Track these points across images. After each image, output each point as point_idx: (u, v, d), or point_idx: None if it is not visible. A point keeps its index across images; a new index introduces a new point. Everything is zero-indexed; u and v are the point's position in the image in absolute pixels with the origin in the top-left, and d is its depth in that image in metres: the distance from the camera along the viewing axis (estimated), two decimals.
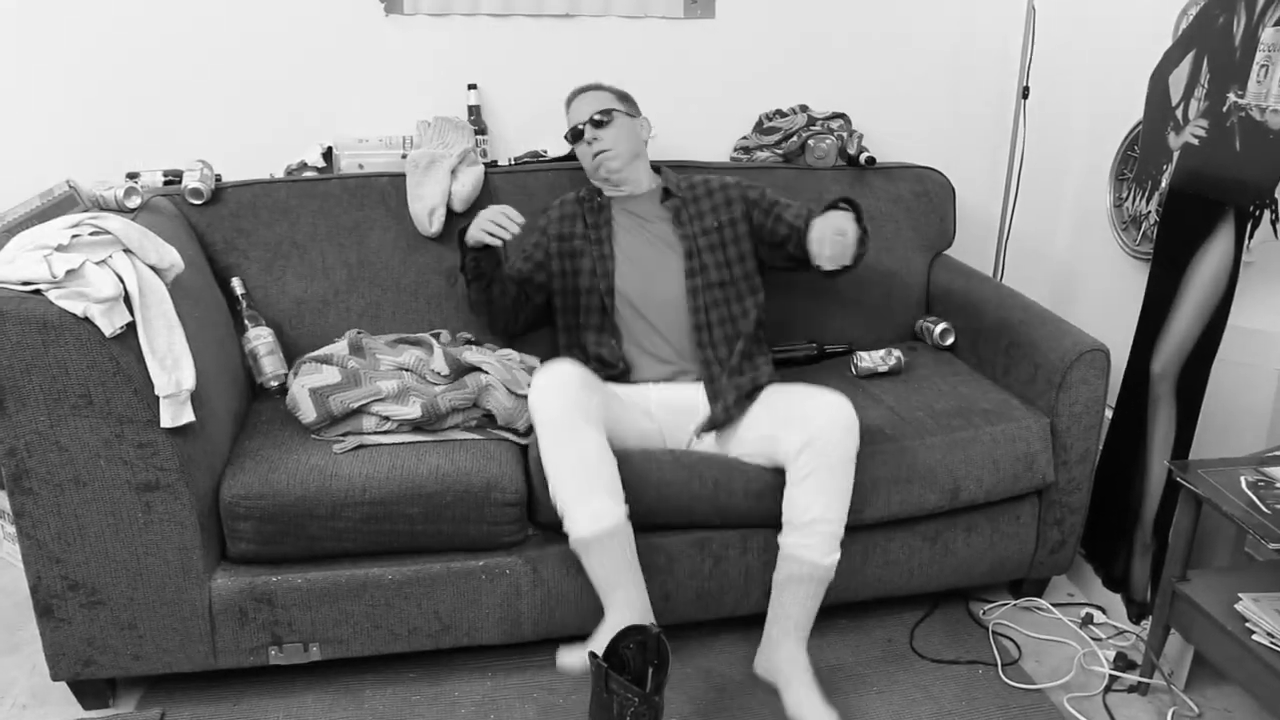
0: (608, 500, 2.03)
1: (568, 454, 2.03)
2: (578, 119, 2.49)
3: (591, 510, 2.02)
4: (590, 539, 2.01)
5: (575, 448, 2.03)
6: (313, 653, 2.17)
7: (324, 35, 2.76)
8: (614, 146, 2.46)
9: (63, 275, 1.82)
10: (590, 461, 2.03)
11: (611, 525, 2.02)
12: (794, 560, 2.08)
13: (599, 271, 2.43)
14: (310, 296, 2.57)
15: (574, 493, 2.03)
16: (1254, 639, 1.95)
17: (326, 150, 2.78)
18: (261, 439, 2.20)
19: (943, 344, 2.81)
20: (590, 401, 2.08)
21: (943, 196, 2.96)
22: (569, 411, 2.04)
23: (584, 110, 2.48)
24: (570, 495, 2.03)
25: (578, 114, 2.50)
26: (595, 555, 2.03)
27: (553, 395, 2.06)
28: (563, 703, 2.21)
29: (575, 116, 2.51)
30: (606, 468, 2.05)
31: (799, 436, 2.09)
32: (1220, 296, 2.21)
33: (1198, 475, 2.08)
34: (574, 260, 2.47)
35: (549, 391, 2.06)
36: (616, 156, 2.46)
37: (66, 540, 1.98)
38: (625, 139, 2.47)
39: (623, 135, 2.47)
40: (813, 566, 2.07)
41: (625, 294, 2.42)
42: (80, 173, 2.61)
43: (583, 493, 2.02)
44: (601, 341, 2.42)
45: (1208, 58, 2.30)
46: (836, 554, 2.09)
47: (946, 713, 2.20)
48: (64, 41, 2.65)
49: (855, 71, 3.07)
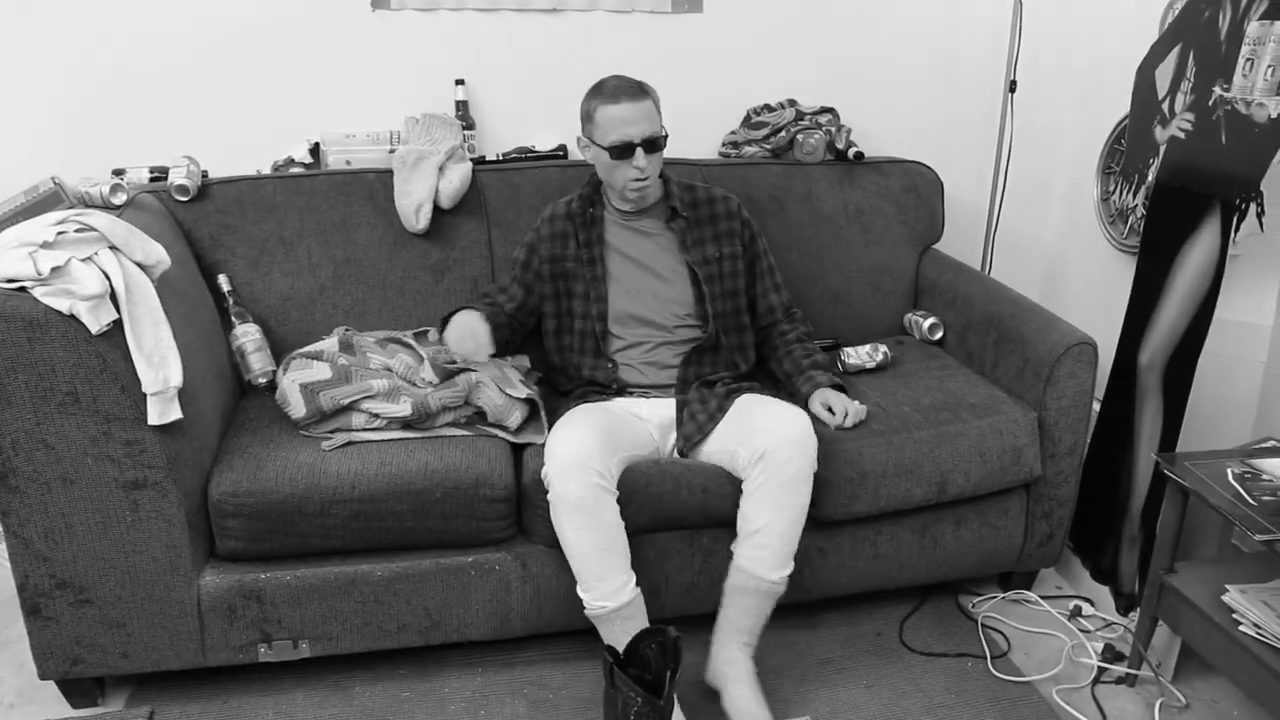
0: (624, 576, 2.06)
1: (592, 536, 2.03)
2: (629, 133, 2.23)
3: (612, 587, 2.05)
4: (613, 614, 2.05)
5: (599, 530, 2.03)
6: (302, 650, 2.16)
7: (311, 30, 2.75)
8: (654, 174, 2.31)
9: (48, 272, 1.81)
10: (611, 538, 2.05)
11: (630, 598, 2.06)
12: (742, 572, 2.10)
13: (592, 296, 2.38)
14: (297, 293, 2.56)
15: (596, 573, 2.05)
16: (1240, 630, 1.96)
17: (313, 146, 2.77)
18: (250, 436, 2.19)
19: (931, 338, 2.81)
20: (608, 464, 2.06)
21: (931, 191, 2.96)
22: (590, 491, 2.01)
23: (636, 126, 2.23)
24: (592, 575, 2.05)
25: (627, 125, 2.23)
26: (617, 625, 2.06)
27: (572, 475, 2.01)
28: (552, 698, 2.21)
29: (623, 127, 2.23)
30: (622, 541, 2.07)
31: (752, 450, 2.10)
32: (1207, 289, 2.22)
33: (1185, 467, 2.08)
34: (566, 283, 2.42)
35: (568, 471, 2.02)
36: (655, 185, 2.36)
37: (54, 539, 1.97)
38: (660, 163, 2.34)
39: (660, 161, 2.33)
40: (759, 580, 2.09)
41: (618, 316, 2.39)
42: (65, 169, 2.60)
43: (603, 573, 2.05)
44: (597, 365, 2.39)
45: (1194, 51, 2.30)
46: (786, 570, 2.11)
47: (936, 705, 2.21)
48: (49, 38, 2.63)
49: (843, 66, 3.07)
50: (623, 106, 2.23)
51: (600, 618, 2.06)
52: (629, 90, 2.24)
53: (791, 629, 2.43)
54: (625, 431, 2.22)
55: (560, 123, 2.89)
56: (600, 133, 2.27)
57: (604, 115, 2.24)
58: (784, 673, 2.30)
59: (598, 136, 2.28)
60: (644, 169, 2.26)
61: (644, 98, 2.25)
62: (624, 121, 2.23)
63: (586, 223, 2.41)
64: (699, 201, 2.45)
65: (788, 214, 2.83)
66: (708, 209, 2.44)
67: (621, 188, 2.32)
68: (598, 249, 2.40)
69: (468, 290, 2.63)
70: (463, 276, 2.64)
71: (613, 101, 2.24)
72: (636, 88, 2.26)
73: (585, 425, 2.09)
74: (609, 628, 2.06)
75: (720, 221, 2.44)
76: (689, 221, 2.41)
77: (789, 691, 2.24)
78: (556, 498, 2.03)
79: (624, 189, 2.31)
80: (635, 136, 2.23)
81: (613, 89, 2.25)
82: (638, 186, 2.30)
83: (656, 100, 2.29)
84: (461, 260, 2.64)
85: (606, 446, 2.08)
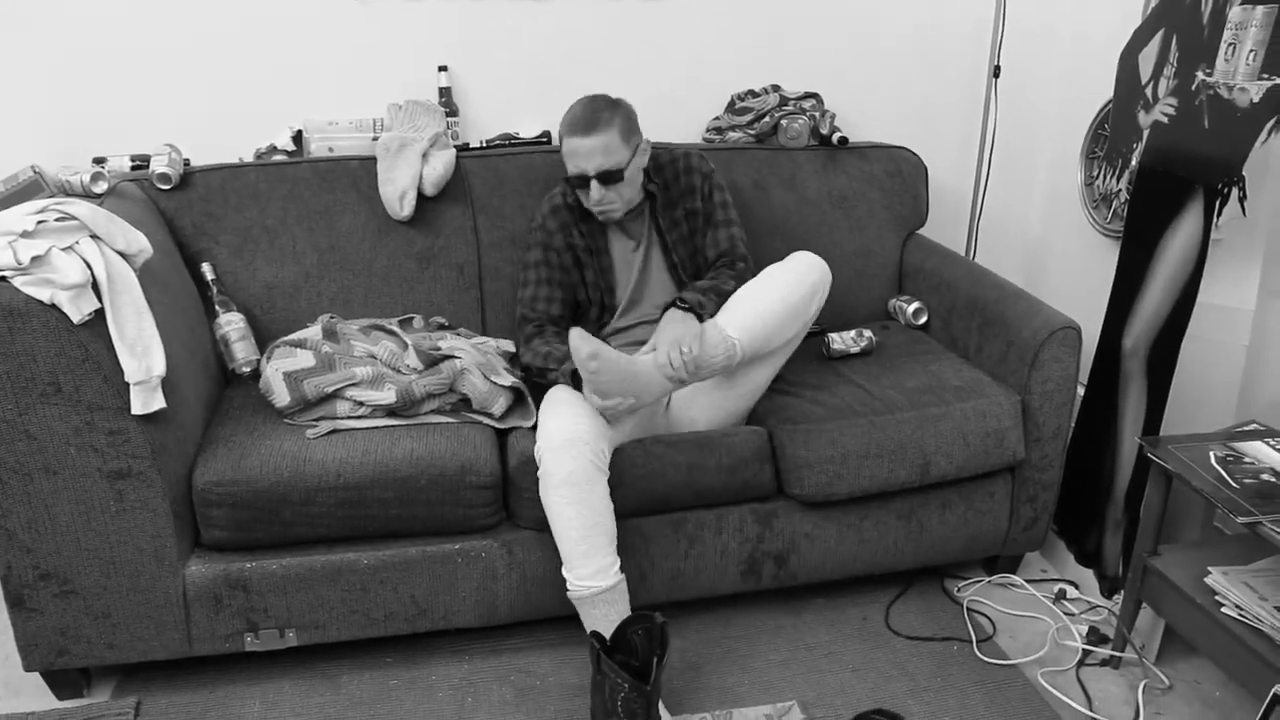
0: (610, 558, 2.06)
1: (581, 512, 2.03)
2: (583, 165, 2.28)
3: (597, 567, 2.04)
4: (596, 596, 2.04)
5: (588, 507, 2.03)
6: (289, 639, 2.16)
7: (293, 16, 2.73)
8: (618, 200, 2.34)
9: (28, 262, 1.80)
10: (599, 517, 2.05)
11: (614, 582, 2.05)
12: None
13: (602, 284, 2.42)
14: (281, 281, 2.55)
15: (582, 550, 2.04)
16: (1223, 612, 1.97)
17: (296, 133, 2.76)
18: (234, 425, 2.18)
19: (916, 323, 2.82)
20: (600, 444, 2.07)
21: (915, 176, 2.96)
22: (583, 467, 2.02)
23: (590, 160, 2.27)
24: (578, 553, 2.05)
25: (580, 159, 2.28)
26: (599, 609, 2.05)
27: (566, 451, 2.03)
28: (540, 684, 2.22)
29: (577, 159, 2.28)
30: (610, 523, 2.07)
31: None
32: (1190, 274, 2.23)
33: (1168, 451, 2.10)
34: (579, 270, 2.44)
35: (562, 447, 2.03)
36: (620, 208, 2.37)
37: (37, 530, 1.96)
38: (629, 187, 2.34)
39: (627, 185, 2.33)
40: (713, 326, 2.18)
41: (622, 299, 2.43)
42: (45, 158, 2.58)
43: (589, 551, 2.04)
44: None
45: (1177, 36, 2.31)
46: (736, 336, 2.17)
47: (922, 689, 2.22)
48: (28, 24, 2.61)
49: (827, 51, 3.06)
50: (575, 140, 2.27)
51: (583, 599, 2.05)
52: (584, 124, 2.26)
53: (777, 614, 2.44)
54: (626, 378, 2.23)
55: (544, 109, 2.88)
56: (565, 159, 2.33)
57: (565, 145, 2.30)
58: (770, 658, 2.30)
59: (565, 160, 2.33)
60: (598, 200, 2.31)
61: (600, 131, 2.25)
62: (576, 155, 2.28)
63: (581, 216, 2.43)
64: (662, 166, 2.48)
65: (772, 199, 2.83)
66: (671, 169, 2.48)
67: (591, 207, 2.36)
68: (600, 239, 2.43)
69: (453, 277, 2.63)
70: (448, 264, 2.63)
71: (570, 133, 2.28)
72: (592, 120, 2.26)
73: (579, 404, 2.11)
74: (591, 611, 2.06)
75: (681, 179, 2.47)
76: (659, 186, 2.45)
77: (775, 677, 2.24)
78: (547, 473, 2.04)
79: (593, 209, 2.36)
80: (589, 170, 2.28)
81: (570, 121, 2.29)
82: (599, 212, 2.35)
83: (625, 121, 2.30)
84: (446, 247, 2.63)
85: (598, 427, 2.09)
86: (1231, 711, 2.18)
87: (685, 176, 2.47)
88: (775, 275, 2.27)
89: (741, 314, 2.21)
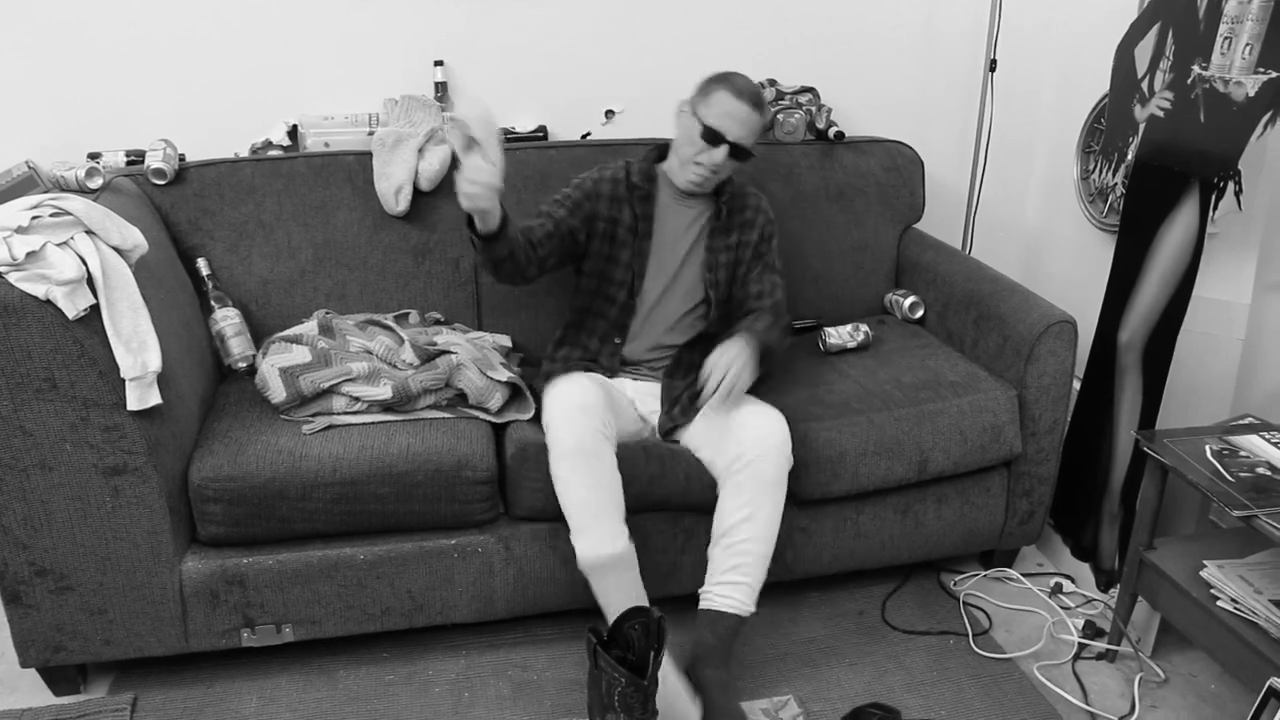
0: (620, 525, 2.05)
1: (588, 480, 2.03)
2: (730, 128, 2.24)
3: (607, 532, 2.03)
4: (607, 562, 2.03)
5: (596, 474, 2.03)
6: (285, 634, 2.16)
7: (289, 11, 2.72)
8: (722, 175, 2.33)
9: (23, 257, 1.80)
10: (607, 484, 2.04)
11: (625, 548, 2.04)
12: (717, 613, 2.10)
13: (636, 271, 2.37)
14: (277, 277, 2.55)
15: (591, 513, 2.03)
16: (1218, 605, 1.98)
17: (292, 128, 2.75)
18: (230, 420, 2.18)
19: (912, 317, 2.82)
20: (606, 420, 2.07)
21: (911, 170, 2.96)
22: (592, 435, 2.02)
23: (740, 128, 2.24)
24: (587, 516, 2.04)
25: (733, 121, 2.24)
26: (611, 578, 2.04)
27: (575, 420, 2.03)
28: (536, 679, 2.22)
29: (728, 121, 2.24)
30: (618, 492, 2.06)
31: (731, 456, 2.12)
32: (1185, 267, 2.23)
33: (1164, 445, 2.10)
34: (613, 247, 2.37)
35: (572, 417, 2.04)
36: (714, 185, 2.36)
37: (33, 526, 1.96)
38: (732, 169, 2.34)
39: (733, 167, 2.33)
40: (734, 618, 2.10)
41: (646, 298, 2.39)
42: (40, 153, 2.58)
43: (599, 513, 2.03)
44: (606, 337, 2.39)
45: (1173, 30, 2.31)
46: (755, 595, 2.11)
47: (918, 683, 2.22)
48: (22, 18, 2.60)
49: (824, 45, 3.06)
50: (742, 106, 2.24)
51: (595, 568, 2.03)
52: (754, 97, 2.26)
53: (774, 608, 2.44)
54: (618, 400, 2.25)
55: (540, 105, 2.88)
56: (707, 110, 2.26)
57: (721, 99, 2.24)
58: (767, 652, 2.31)
59: (701, 111, 2.27)
60: (716, 164, 2.26)
61: (761, 111, 2.28)
62: (731, 116, 2.24)
63: (642, 197, 2.37)
64: (735, 194, 2.44)
65: (768, 194, 2.82)
66: (740, 201, 2.44)
67: (683, 168, 2.31)
68: (646, 226, 2.38)
69: (448, 272, 2.62)
70: (443, 259, 2.63)
71: (737, 95, 2.24)
72: (760, 99, 2.28)
73: (589, 379, 2.12)
74: (603, 580, 2.04)
75: (747, 212, 2.43)
76: (724, 210, 2.40)
77: (771, 671, 2.25)
78: (555, 442, 2.04)
79: (685, 172, 2.31)
80: (732, 134, 2.24)
81: (742, 87, 2.26)
82: (703, 175, 2.30)
83: (766, 121, 2.40)
84: (442, 242, 2.63)
85: (606, 403, 2.10)
86: (1226, 704, 2.18)
87: (753, 212, 2.44)
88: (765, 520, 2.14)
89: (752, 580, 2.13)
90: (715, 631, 2.09)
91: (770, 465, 2.08)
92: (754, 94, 2.26)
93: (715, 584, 2.10)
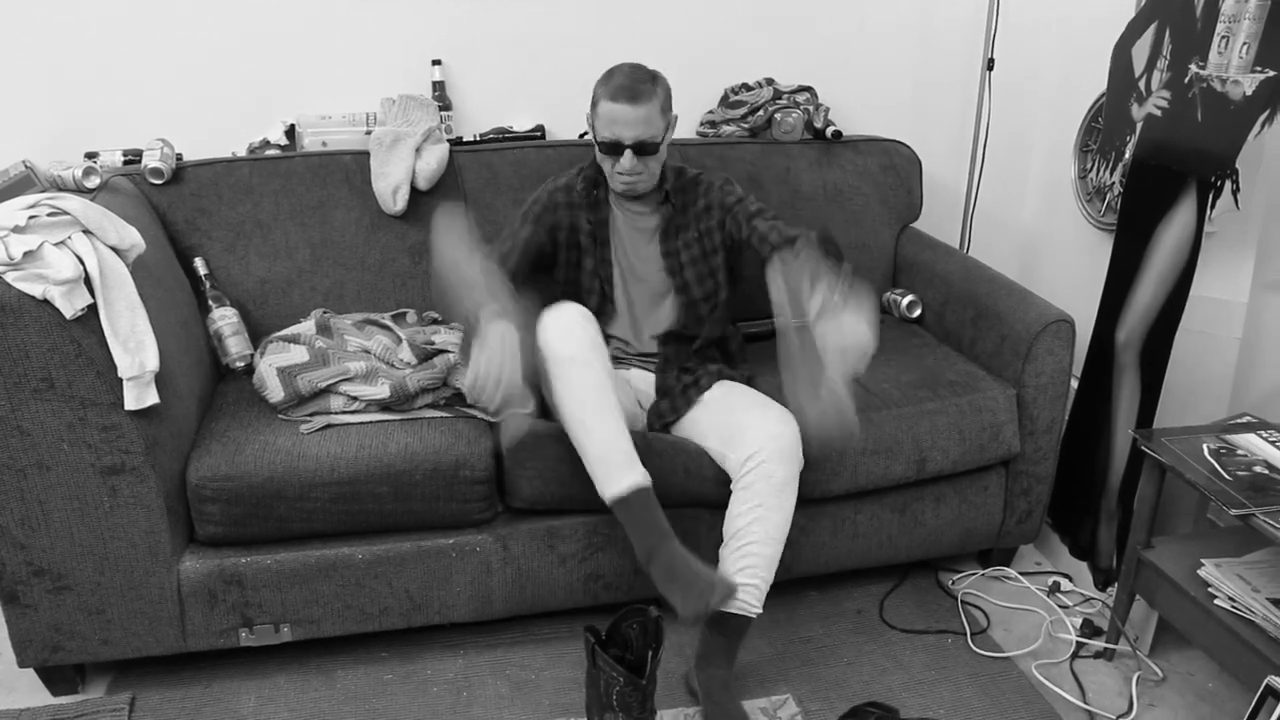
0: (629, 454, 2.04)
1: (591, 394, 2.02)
2: (621, 134, 2.18)
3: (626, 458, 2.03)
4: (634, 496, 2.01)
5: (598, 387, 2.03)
6: (284, 634, 2.16)
7: (286, 10, 2.72)
8: (645, 172, 2.25)
9: (20, 257, 1.79)
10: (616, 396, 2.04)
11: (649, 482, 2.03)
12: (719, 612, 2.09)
13: (602, 275, 2.36)
14: (274, 276, 2.55)
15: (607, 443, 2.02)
16: (1216, 604, 1.98)
17: (289, 128, 2.75)
18: (228, 420, 2.18)
19: (910, 316, 2.82)
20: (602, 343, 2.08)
21: (909, 169, 2.96)
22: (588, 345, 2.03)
23: (630, 129, 2.18)
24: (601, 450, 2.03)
25: (619, 126, 2.18)
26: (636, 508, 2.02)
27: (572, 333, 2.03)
28: (535, 679, 2.22)
29: (615, 127, 2.18)
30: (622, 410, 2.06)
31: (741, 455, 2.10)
32: (1183, 267, 2.23)
33: (1161, 443, 2.10)
34: (579, 253, 2.36)
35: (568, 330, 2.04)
36: (647, 183, 2.30)
37: (31, 526, 1.96)
38: (658, 161, 2.27)
39: (656, 160, 2.26)
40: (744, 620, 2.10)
41: (620, 295, 2.38)
42: (37, 153, 2.58)
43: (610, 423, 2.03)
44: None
45: (1170, 29, 2.31)
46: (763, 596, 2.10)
47: (916, 682, 2.22)
48: (19, 19, 2.60)
49: (821, 44, 3.06)
50: (619, 107, 2.17)
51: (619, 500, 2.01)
52: (628, 93, 2.17)
53: (772, 607, 2.44)
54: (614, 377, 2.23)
55: (538, 104, 2.88)
56: (597, 123, 2.23)
57: (604, 109, 2.19)
58: (765, 651, 2.31)
59: (595, 126, 2.24)
60: (627, 170, 2.22)
61: (644, 101, 2.17)
62: (615, 122, 2.18)
63: (593, 203, 2.36)
64: (683, 188, 2.40)
65: (766, 193, 2.83)
66: (691, 194, 2.39)
67: (611, 179, 2.28)
68: (604, 230, 2.36)
69: None
70: None
71: (612, 99, 2.18)
72: (637, 91, 2.18)
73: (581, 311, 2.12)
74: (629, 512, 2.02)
75: (700, 202, 2.38)
76: (675, 208, 2.37)
77: (770, 670, 2.25)
78: (553, 355, 2.03)
79: (614, 181, 2.28)
80: (626, 139, 2.18)
81: (616, 87, 2.18)
82: (624, 181, 2.26)
83: (664, 95, 2.23)
84: None
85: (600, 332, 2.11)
86: (1224, 703, 2.18)
87: (704, 200, 2.37)
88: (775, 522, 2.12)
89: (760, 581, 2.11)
90: (722, 631, 2.09)
91: (780, 467, 2.07)
92: (630, 87, 2.18)
93: None
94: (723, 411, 2.22)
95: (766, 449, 2.07)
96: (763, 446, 2.08)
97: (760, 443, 2.08)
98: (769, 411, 2.14)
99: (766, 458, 2.07)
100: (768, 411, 2.14)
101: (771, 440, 2.08)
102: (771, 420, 2.12)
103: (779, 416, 2.13)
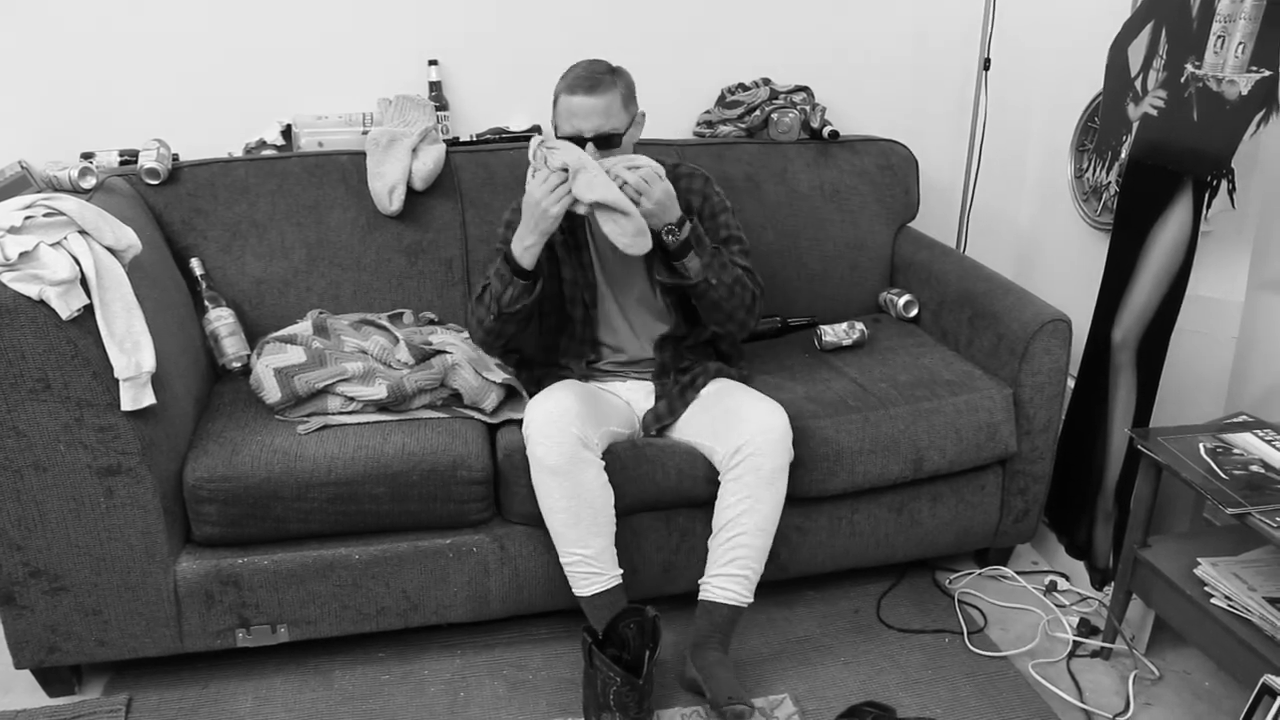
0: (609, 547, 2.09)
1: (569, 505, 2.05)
2: (580, 126, 2.14)
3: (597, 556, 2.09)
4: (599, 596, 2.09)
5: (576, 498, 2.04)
6: (281, 634, 2.16)
7: (282, 10, 2.72)
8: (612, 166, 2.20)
9: (16, 258, 1.79)
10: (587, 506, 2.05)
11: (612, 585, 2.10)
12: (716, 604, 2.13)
13: (581, 282, 2.32)
14: (270, 276, 2.55)
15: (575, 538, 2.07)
16: (1212, 602, 1.98)
17: (285, 128, 2.75)
18: (224, 421, 2.18)
19: (906, 316, 2.83)
20: (588, 429, 2.06)
21: (906, 169, 2.96)
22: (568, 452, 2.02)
23: (588, 120, 2.13)
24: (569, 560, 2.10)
25: (577, 119, 2.14)
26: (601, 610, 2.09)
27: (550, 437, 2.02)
28: (532, 679, 2.22)
29: (574, 120, 2.14)
30: (605, 514, 2.08)
31: (730, 446, 2.11)
32: (1179, 266, 2.23)
33: (1158, 443, 2.10)
34: (555, 265, 2.32)
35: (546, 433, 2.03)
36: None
37: (27, 527, 1.95)
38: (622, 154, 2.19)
39: (623, 152, 2.20)
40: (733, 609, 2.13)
41: (603, 301, 2.36)
42: (33, 153, 2.56)
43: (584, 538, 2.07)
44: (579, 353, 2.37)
45: (1166, 28, 2.31)
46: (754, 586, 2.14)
47: (913, 681, 2.23)
48: (14, 19, 2.59)
49: (818, 44, 3.06)
50: (578, 99, 2.13)
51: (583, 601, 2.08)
52: (586, 83, 2.13)
53: (769, 607, 2.44)
54: (605, 406, 2.23)
55: (534, 103, 2.87)
56: (558, 119, 2.20)
57: (563, 103, 2.16)
58: (762, 651, 2.31)
59: (557, 122, 2.20)
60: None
61: (603, 91, 2.14)
62: (574, 114, 2.14)
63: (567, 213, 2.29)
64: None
65: (763, 193, 2.83)
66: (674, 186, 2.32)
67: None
68: (581, 235, 2.34)
69: (442, 272, 2.62)
70: (437, 258, 2.62)
71: (569, 92, 2.15)
72: (595, 80, 2.14)
73: (565, 390, 2.10)
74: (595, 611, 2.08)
75: (682, 197, 2.27)
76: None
77: (767, 670, 2.25)
78: (534, 460, 2.04)
79: None
80: (586, 131, 2.13)
81: (573, 79, 2.16)
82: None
83: (626, 88, 2.19)
84: (436, 242, 2.63)
85: (586, 413, 2.08)
86: (1221, 701, 2.19)
87: (685, 196, 2.29)
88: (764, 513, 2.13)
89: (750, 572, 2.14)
90: (713, 621, 2.10)
91: (769, 458, 2.08)
92: (587, 77, 2.14)
93: (714, 575, 2.12)
94: (715, 406, 2.23)
95: (755, 441, 2.08)
96: (751, 438, 2.08)
97: (749, 434, 2.09)
98: (759, 404, 2.15)
99: (755, 450, 2.08)
100: (757, 404, 2.15)
101: (760, 433, 2.09)
102: (761, 412, 2.12)
103: (769, 409, 2.13)
